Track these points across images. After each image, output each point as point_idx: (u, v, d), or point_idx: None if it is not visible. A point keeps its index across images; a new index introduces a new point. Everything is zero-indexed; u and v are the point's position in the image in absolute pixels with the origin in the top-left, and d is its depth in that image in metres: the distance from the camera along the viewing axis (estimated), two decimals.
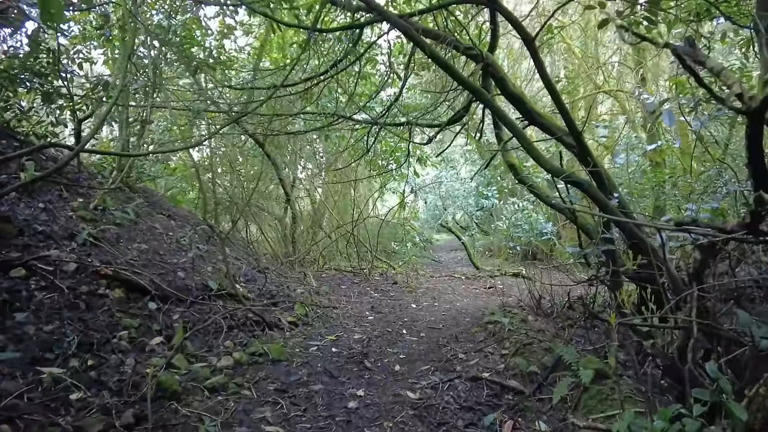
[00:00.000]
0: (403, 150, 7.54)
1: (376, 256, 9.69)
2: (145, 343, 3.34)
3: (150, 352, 3.27)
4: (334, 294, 7.01)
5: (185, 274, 4.52)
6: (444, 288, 7.94)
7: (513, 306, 5.08)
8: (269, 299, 5.19)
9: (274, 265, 7.92)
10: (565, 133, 4.57)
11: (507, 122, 4.08)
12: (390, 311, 5.94)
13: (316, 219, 11.27)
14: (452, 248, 18.15)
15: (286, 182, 9.83)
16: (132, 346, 3.23)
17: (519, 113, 4.88)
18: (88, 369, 2.75)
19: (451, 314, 5.66)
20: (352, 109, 6.97)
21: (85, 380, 2.61)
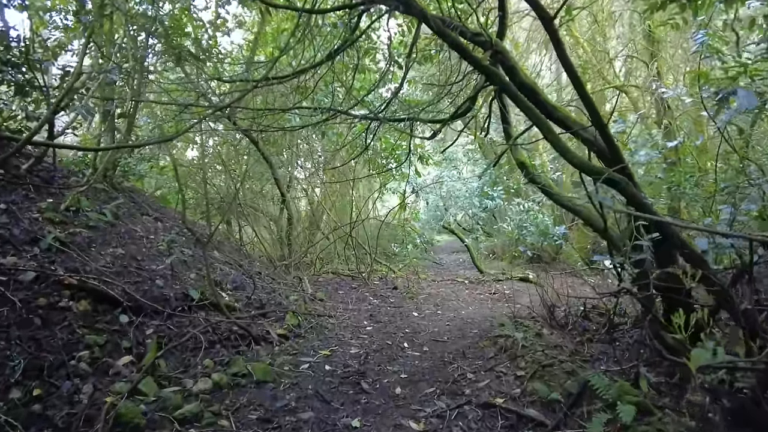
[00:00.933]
0: (404, 147, 7.12)
1: (376, 258, 9.27)
2: (109, 364, 2.91)
3: (114, 376, 2.85)
4: (331, 300, 6.59)
5: (164, 282, 4.10)
6: (447, 294, 7.51)
7: (524, 317, 4.66)
8: (258, 309, 4.76)
9: (268, 269, 7.50)
10: (582, 127, 4.17)
11: (528, 110, 3.65)
12: (390, 320, 5.52)
13: (314, 220, 10.85)
14: (453, 250, 17.72)
15: (282, 182, 9.41)
16: (93, 368, 2.80)
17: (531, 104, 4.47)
18: (32, 401, 2.33)
19: (456, 324, 5.24)
20: (350, 104, 6.56)
21: (24, 417, 2.20)
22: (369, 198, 10.34)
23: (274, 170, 9.21)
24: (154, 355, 3.14)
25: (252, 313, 4.51)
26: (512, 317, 4.72)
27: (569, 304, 4.81)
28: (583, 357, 3.60)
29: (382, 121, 6.05)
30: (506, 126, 5.49)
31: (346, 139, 7.01)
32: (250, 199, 10.42)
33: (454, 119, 5.13)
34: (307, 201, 11.40)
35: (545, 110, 4.34)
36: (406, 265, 10.50)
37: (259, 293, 5.36)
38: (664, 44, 7.16)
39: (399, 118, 6.02)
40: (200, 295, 4.07)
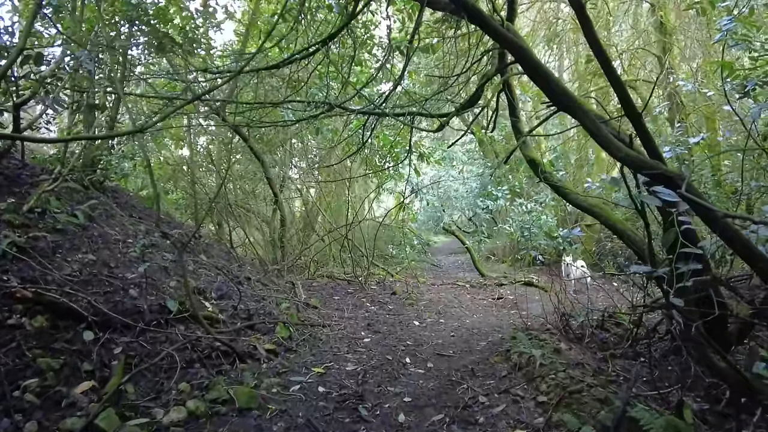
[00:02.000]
0: (403, 144, 6.71)
1: (373, 261, 8.85)
2: (63, 393, 2.48)
3: (68, 408, 2.42)
4: (325, 307, 6.17)
5: (139, 292, 3.66)
6: (449, 299, 7.10)
7: (537, 329, 4.25)
8: (245, 320, 4.33)
9: (260, 273, 7.07)
10: (603, 120, 3.78)
11: (555, 90, 3.25)
12: (389, 330, 5.10)
13: (308, 221, 10.42)
14: (452, 251, 17.33)
15: (274, 181, 8.98)
16: (41, 399, 2.38)
17: (545, 95, 4.07)
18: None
19: (462, 335, 4.84)
20: (346, 98, 6.15)
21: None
22: (365, 199, 9.92)
23: (266, 169, 8.77)
24: (120, 379, 2.71)
25: (238, 326, 4.08)
26: (524, 329, 4.32)
27: (581, 312, 4.41)
28: (608, 376, 3.21)
29: (380, 115, 5.65)
30: (515, 120, 5.11)
31: (341, 136, 6.58)
32: (241, 200, 9.99)
33: (465, 110, 4.73)
34: (301, 201, 10.98)
35: (559, 100, 3.96)
36: (404, 268, 10.10)
37: (247, 302, 4.93)
38: (676, 36, 6.79)
39: (399, 113, 5.63)
40: (179, 306, 3.63)
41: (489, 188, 9.58)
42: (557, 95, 3.18)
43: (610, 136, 2.72)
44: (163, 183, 9.76)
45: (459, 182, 15.71)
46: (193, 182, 8.72)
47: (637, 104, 3.14)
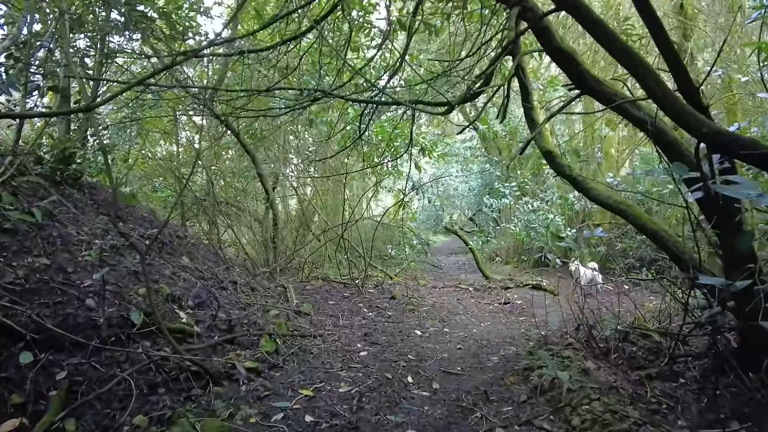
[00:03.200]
0: (403, 137, 6.20)
1: (371, 263, 8.33)
2: None
3: None
4: (319, 314, 5.66)
5: (97, 302, 3.14)
6: (452, 304, 6.59)
7: (556, 342, 3.74)
8: (225, 332, 3.82)
9: (249, 276, 6.55)
10: (630, 99, 3.28)
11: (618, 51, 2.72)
12: (388, 341, 4.59)
13: (303, 220, 9.90)
14: (452, 251, 16.81)
15: (266, 178, 8.45)
16: None
17: (567, 77, 3.57)
18: None
19: (469, 348, 4.33)
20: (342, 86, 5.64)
21: None
22: (363, 196, 9.40)
23: (258, 165, 8.25)
24: (57, 414, 2.20)
25: (215, 340, 3.56)
26: (542, 342, 3.82)
27: (606, 322, 3.90)
28: (649, 403, 2.70)
29: (378, 104, 5.14)
30: (528, 106, 4.59)
31: (336, 128, 6.06)
32: (232, 198, 9.47)
33: (477, 92, 4.22)
34: (297, 200, 10.46)
35: (584, 82, 3.46)
36: (403, 269, 9.59)
37: (230, 310, 4.42)
38: (697, 20, 6.30)
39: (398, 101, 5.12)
40: (144, 318, 3.11)
41: (496, 185, 9.05)
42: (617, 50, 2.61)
43: (691, 108, 2.18)
44: (149, 180, 9.26)
45: (460, 180, 15.22)
46: (179, 179, 8.20)
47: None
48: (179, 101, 6.79)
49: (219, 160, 11.05)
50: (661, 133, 3.21)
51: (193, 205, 7.67)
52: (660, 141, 3.23)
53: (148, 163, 8.52)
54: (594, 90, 3.39)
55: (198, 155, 8.60)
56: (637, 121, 3.29)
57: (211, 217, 7.73)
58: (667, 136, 3.20)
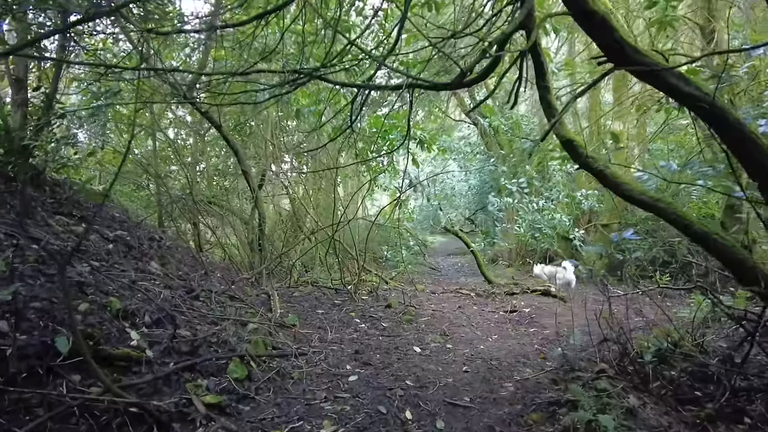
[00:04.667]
0: (400, 129, 5.57)
1: (364, 266, 7.70)
2: None
3: None
4: (305, 325, 5.02)
5: (9, 325, 2.49)
6: (454, 313, 5.97)
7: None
8: (185, 355, 3.17)
9: (229, 282, 5.90)
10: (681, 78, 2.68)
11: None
12: (383, 361, 3.96)
13: (293, 221, 9.26)
14: (449, 252, 16.19)
15: (251, 174, 7.81)
16: None
17: (599, 47, 2.95)
18: None
19: (478, 370, 3.70)
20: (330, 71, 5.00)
21: None
22: (356, 194, 8.77)
23: (242, 161, 7.61)
24: None
25: (170, 368, 2.91)
26: (564, 365, 3.20)
27: (646, 344, 3.29)
28: None
29: (371, 88, 4.52)
30: (544, 91, 3.97)
31: (326, 116, 5.42)
32: (216, 197, 8.81)
33: (494, 62, 3.61)
34: (287, 199, 9.81)
35: (620, 53, 2.84)
36: (399, 272, 8.98)
37: (197, 326, 3.78)
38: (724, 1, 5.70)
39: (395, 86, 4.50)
40: (70, 346, 2.46)
41: (502, 181, 8.44)
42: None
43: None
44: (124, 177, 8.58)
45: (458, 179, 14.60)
46: (157, 177, 7.55)
47: None
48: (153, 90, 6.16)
49: (203, 157, 10.43)
50: (720, 113, 2.61)
51: (168, 205, 7.00)
52: (719, 124, 2.63)
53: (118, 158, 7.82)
54: (633, 62, 2.78)
55: (176, 150, 7.97)
56: (688, 99, 2.69)
57: (188, 218, 7.06)
58: (728, 117, 2.59)
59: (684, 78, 2.65)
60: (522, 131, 10.89)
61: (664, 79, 2.68)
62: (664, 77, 2.67)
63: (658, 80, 2.72)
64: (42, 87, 5.29)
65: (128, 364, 2.73)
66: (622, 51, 2.77)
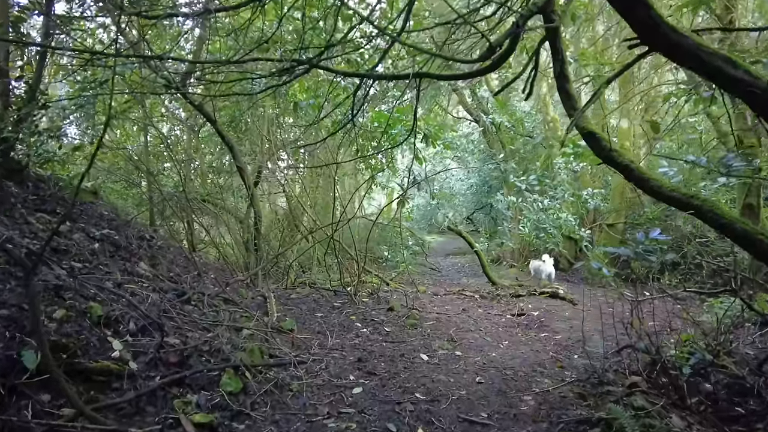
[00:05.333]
0: (405, 122, 5.28)
1: (365, 267, 7.42)
2: None
3: None
4: (304, 330, 4.74)
5: None
6: (459, 317, 5.70)
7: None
8: (173, 366, 2.87)
9: (224, 284, 5.60)
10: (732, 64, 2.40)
11: None
12: (388, 370, 3.67)
13: (290, 220, 8.95)
14: (448, 252, 15.92)
15: (247, 171, 7.50)
16: None
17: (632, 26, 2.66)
18: None
19: (492, 380, 3.42)
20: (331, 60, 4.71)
21: None
22: (356, 193, 8.49)
23: (237, 157, 7.30)
24: None
25: (158, 381, 2.61)
26: (590, 375, 2.93)
27: (653, 343, 3.02)
28: None
29: (374, 77, 4.24)
30: (563, 81, 3.71)
31: (325, 109, 5.13)
32: (211, 195, 8.49)
33: (504, 58, 3.34)
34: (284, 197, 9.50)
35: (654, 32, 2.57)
36: (399, 273, 8.70)
37: (187, 332, 3.49)
38: None
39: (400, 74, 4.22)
40: (40, 360, 2.16)
41: (512, 179, 8.16)
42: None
43: None
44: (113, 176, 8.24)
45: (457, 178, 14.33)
46: (149, 174, 7.22)
47: None
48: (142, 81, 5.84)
49: (198, 154, 10.11)
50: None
51: (160, 203, 6.69)
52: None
53: (109, 155, 7.51)
54: (670, 43, 2.50)
55: (168, 146, 7.65)
56: (736, 84, 2.42)
57: (180, 216, 6.75)
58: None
59: (731, 61, 2.37)
60: (525, 129, 10.64)
61: (708, 62, 2.40)
62: (708, 59, 2.40)
63: (701, 63, 2.44)
64: (24, 76, 4.99)
65: (108, 379, 2.43)
66: (658, 30, 2.49)
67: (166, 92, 4.96)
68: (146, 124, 6.85)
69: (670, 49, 2.54)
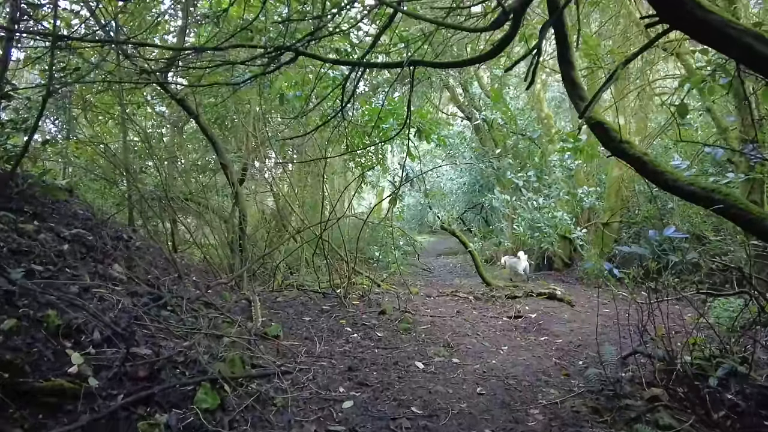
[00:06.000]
0: (397, 115, 5.01)
1: (355, 268, 7.13)
2: None
3: None
4: (290, 336, 4.45)
5: None
6: (455, 320, 5.44)
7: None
8: (142, 381, 2.56)
9: (205, 286, 5.28)
10: None
11: None
12: (381, 380, 3.39)
13: (278, 219, 8.63)
14: (438, 252, 15.69)
15: (231, 168, 7.16)
16: None
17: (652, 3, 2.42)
18: None
19: (494, 392, 3.16)
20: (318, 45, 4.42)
21: None
22: (345, 190, 8.19)
23: (221, 153, 6.97)
24: None
25: (120, 401, 2.30)
26: (602, 388, 2.67)
27: (669, 350, 2.78)
28: None
29: (366, 66, 3.95)
30: (568, 67, 3.48)
31: (312, 102, 4.83)
32: (192, 193, 8.13)
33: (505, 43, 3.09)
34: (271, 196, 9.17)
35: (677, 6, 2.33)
36: (391, 273, 8.43)
37: (160, 341, 3.17)
38: None
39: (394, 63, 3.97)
40: None
41: (508, 175, 7.92)
42: None
43: None
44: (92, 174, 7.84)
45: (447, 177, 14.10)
46: (128, 171, 6.84)
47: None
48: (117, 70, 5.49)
49: (182, 151, 9.74)
50: None
51: (138, 201, 6.34)
52: None
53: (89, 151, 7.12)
54: (696, 19, 2.26)
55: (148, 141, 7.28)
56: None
57: (160, 216, 6.41)
58: None
59: (763, 39, 2.14)
60: (518, 127, 10.42)
61: (738, 40, 2.16)
62: (738, 37, 2.16)
63: (730, 42, 2.20)
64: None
65: (60, 400, 2.12)
66: (683, 6, 2.25)
67: (143, 82, 4.62)
68: (123, 117, 6.47)
69: (696, 27, 2.30)
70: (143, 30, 6.26)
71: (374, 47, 4.06)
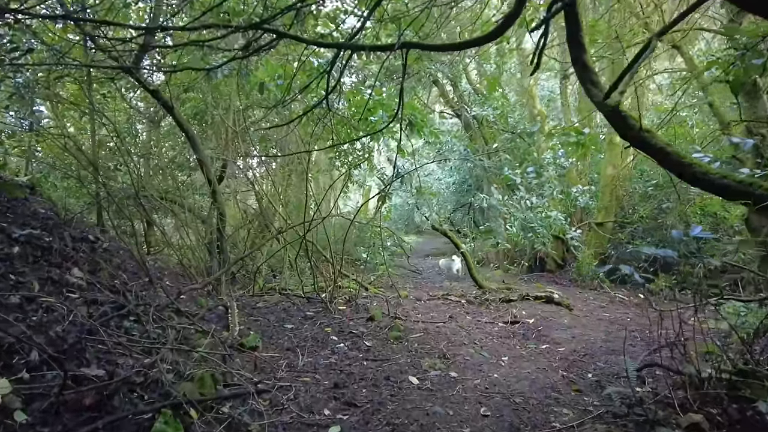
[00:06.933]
0: (388, 107, 4.63)
1: (341, 271, 6.72)
2: None
3: None
4: (270, 346, 4.04)
5: None
6: (448, 326, 5.08)
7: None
8: (84, 413, 2.13)
9: (177, 292, 4.83)
10: None
11: None
12: (372, 399, 3.01)
13: (260, 219, 8.18)
14: (426, 253, 15.34)
15: (209, 164, 6.71)
16: None
17: None
18: None
19: (500, 412, 2.79)
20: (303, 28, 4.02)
21: None
22: (330, 189, 7.77)
23: (197, 148, 6.50)
24: None
25: None
26: (628, 412, 2.33)
27: (697, 367, 2.46)
28: None
29: (355, 48, 3.58)
30: (579, 51, 3.15)
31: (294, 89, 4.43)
32: (168, 192, 7.64)
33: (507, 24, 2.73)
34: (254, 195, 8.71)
35: None
36: (378, 276, 8.05)
37: (117, 358, 2.75)
38: None
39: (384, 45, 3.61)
40: None
41: (506, 171, 7.60)
42: None
43: None
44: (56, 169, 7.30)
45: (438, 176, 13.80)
46: (95, 168, 6.34)
47: None
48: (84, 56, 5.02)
49: (158, 147, 9.24)
50: None
51: (105, 200, 5.86)
52: None
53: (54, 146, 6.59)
54: None
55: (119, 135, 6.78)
56: None
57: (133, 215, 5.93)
58: None
59: None
60: (509, 125, 10.13)
61: None
62: None
63: None
64: None
65: None
66: None
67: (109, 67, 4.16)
68: (90, 108, 5.97)
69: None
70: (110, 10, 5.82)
71: (362, 29, 3.69)
